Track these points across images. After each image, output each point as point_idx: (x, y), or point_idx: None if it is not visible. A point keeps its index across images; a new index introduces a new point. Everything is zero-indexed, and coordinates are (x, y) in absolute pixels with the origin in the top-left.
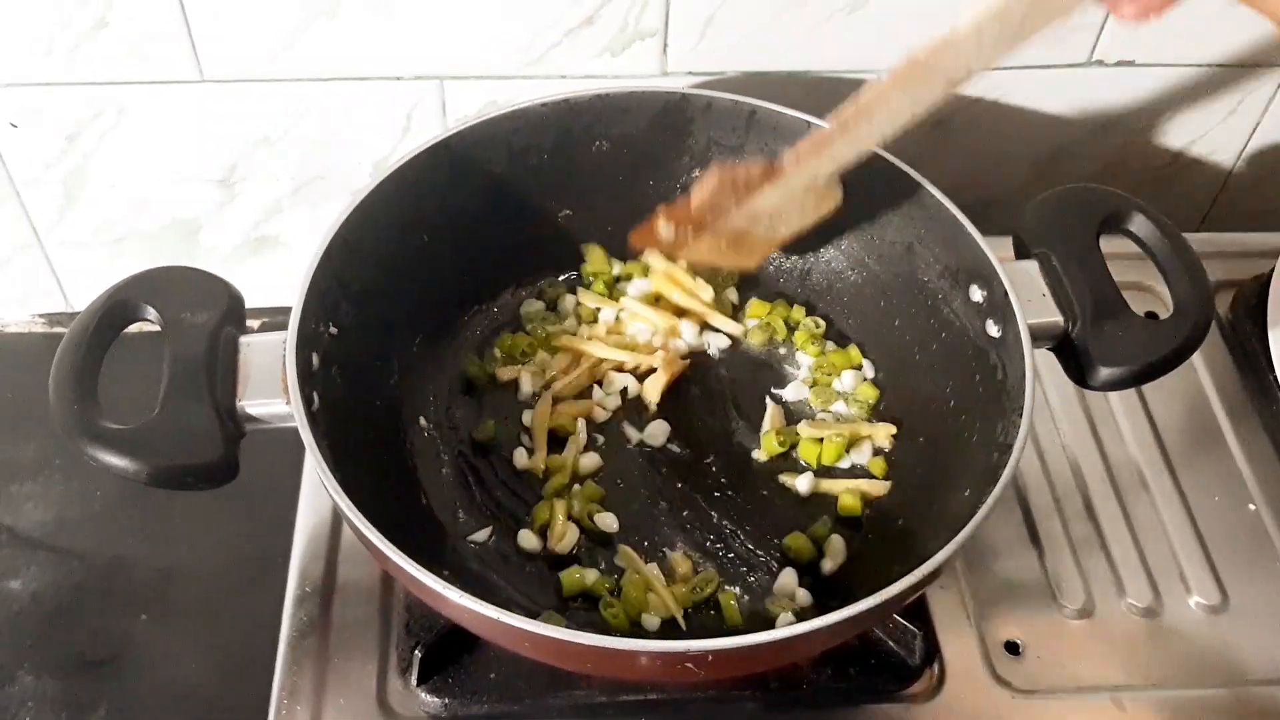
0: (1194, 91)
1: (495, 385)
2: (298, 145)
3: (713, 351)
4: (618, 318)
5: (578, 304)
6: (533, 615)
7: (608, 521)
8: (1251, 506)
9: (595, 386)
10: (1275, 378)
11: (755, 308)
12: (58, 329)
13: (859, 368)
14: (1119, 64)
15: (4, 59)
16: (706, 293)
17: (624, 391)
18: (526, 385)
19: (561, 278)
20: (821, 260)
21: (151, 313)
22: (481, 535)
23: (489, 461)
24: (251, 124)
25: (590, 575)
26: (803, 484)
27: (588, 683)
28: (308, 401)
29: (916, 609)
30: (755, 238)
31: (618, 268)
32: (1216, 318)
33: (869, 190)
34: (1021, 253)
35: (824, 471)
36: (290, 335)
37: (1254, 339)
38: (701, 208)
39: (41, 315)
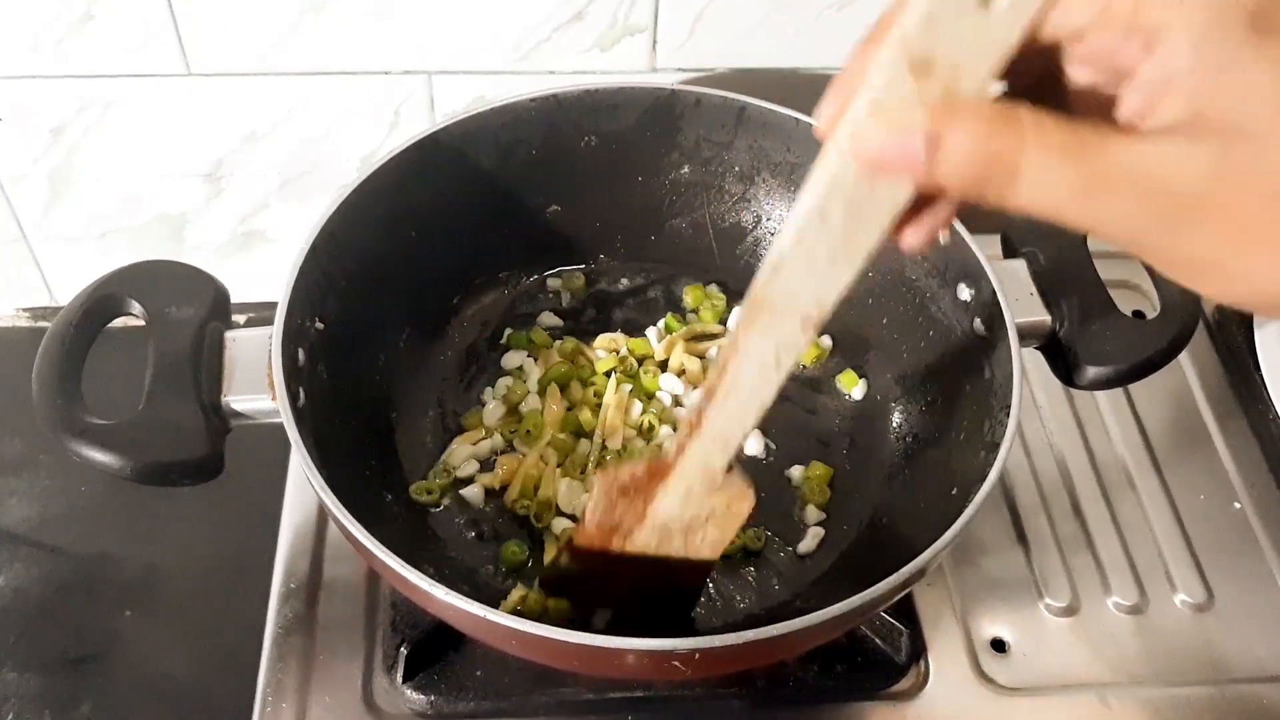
0: None
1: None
2: (285, 140)
3: None
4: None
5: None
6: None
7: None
8: (1237, 505)
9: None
10: (1261, 378)
11: None
12: (42, 324)
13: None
14: None
15: None
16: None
17: None
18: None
19: (548, 272)
20: None
21: (136, 307)
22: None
23: None
24: (238, 119)
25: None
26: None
27: (574, 680)
28: (294, 397)
29: (903, 606)
30: (681, 563)
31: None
32: (1203, 317)
33: None
34: (1009, 251)
35: None
36: (276, 330)
37: (1240, 339)
38: (600, 527)
39: (26, 309)
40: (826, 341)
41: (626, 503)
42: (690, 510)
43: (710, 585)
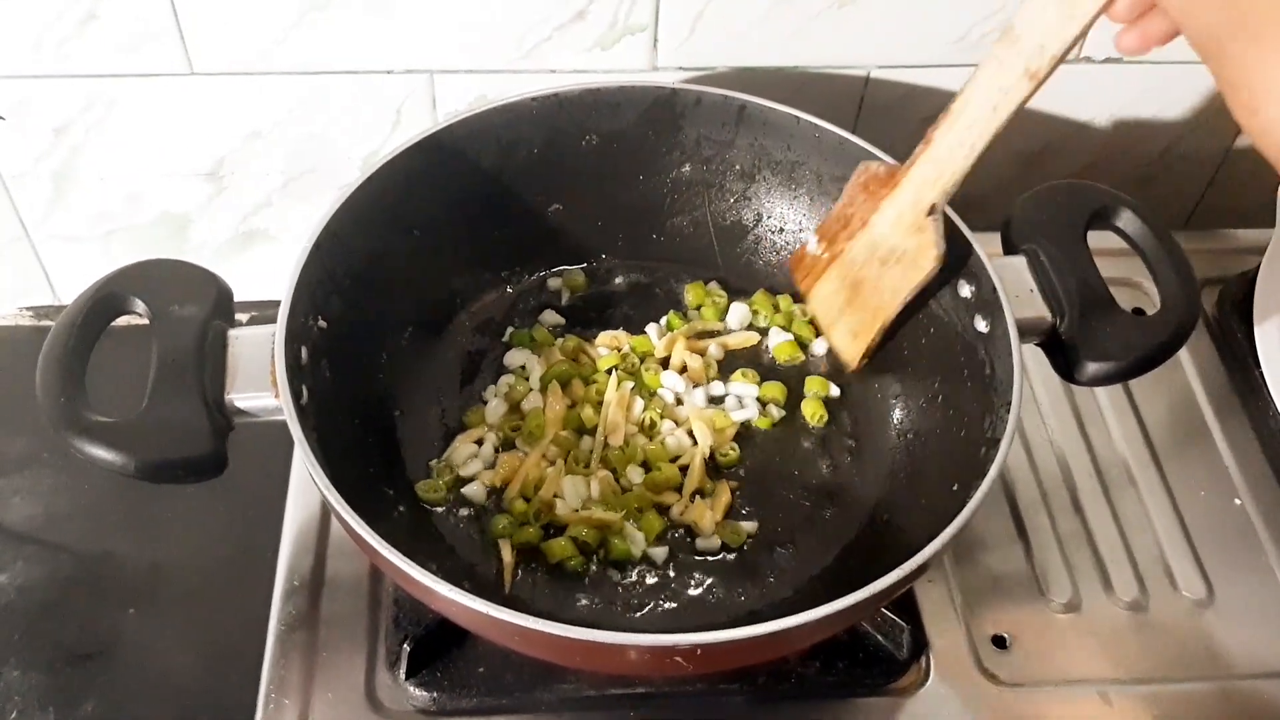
0: (1181, 88)
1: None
2: (287, 139)
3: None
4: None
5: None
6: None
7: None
8: (1237, 501)
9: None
10: (1261, 374)
11: (759, 300)
12: (46, 323)
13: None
14: (1107, 60)
15: None
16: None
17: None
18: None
19: (550, 271)
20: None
21: (140, 305)
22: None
23: None
24: (241, 117)
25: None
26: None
27: (576, 676)
28: (296, 395)
29: (904, 603)
30: (865, 297)
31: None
32: (1203, 314)
33: None
34: (1010, 248)
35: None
36: (279, 328)
37: (1240, 335)
38: (842, 207)
39: (29, 309)
40: (820, 348)
41: (864, 199)
42: (895, 237)
43: (710, 581)
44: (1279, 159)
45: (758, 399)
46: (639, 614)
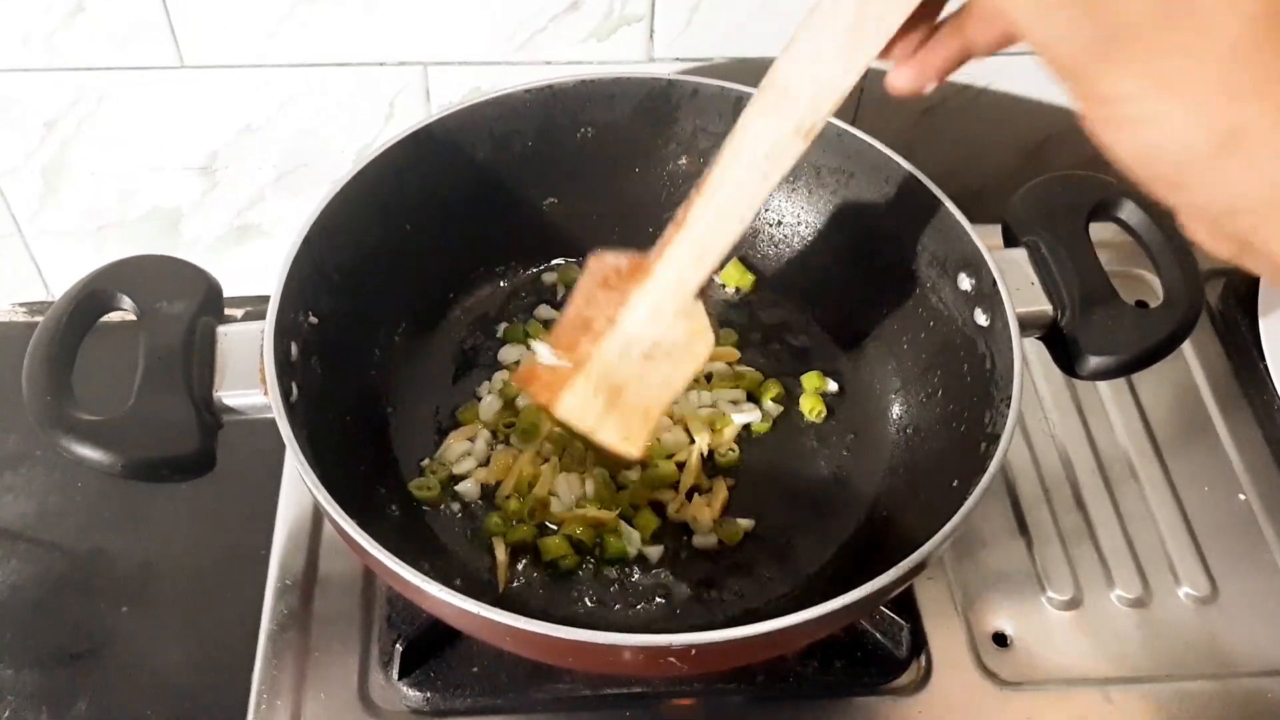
0: None
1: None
2: (280, 132)
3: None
4: None
5: None
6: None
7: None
8: (1241, 496)
9: None
10: (1266, 367)
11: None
12: (39, 319)
13: None
14: None
15: None
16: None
17: None
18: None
19: (545, 266)
20: (809, 249)
21: (127, 302)
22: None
23: None
24: (233, 111)
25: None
26: None
27: (571, 676)
28: (286, 392)
29: (904, 600)
30: (630, 398)
31: None
32: (1207, 306)
33: (858, 179)
34: (1010, 241)
35: None
36: (268, 325)
37: (1244, 328)
38: (577, 309)
39: (22, 304)
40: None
41: (605, 295)
42: (656, 330)
43: (707, 579)
44: (1162, 180)
45: (754, 399)
46: (634, 613)
